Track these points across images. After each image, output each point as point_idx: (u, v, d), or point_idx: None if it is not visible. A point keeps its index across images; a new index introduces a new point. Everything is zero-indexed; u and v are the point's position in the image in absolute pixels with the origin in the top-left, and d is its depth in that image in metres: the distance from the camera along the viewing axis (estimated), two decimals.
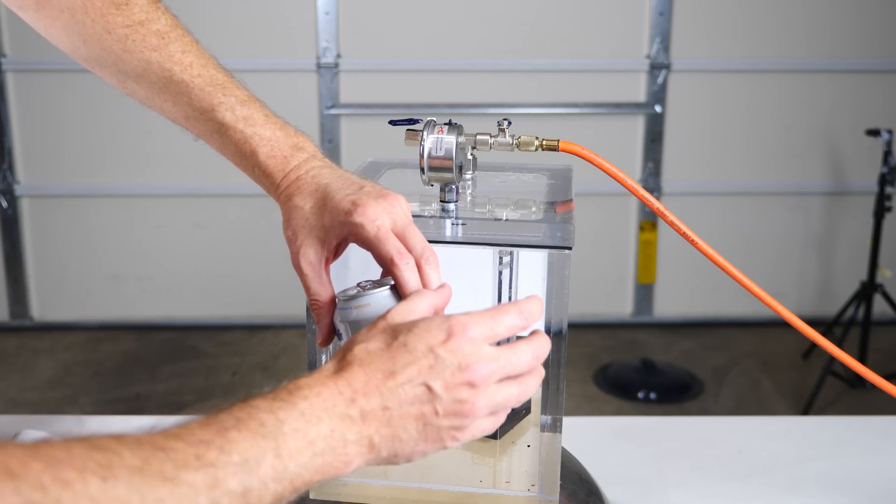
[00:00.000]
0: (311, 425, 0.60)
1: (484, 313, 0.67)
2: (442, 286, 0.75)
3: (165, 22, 0.88)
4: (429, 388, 0.63)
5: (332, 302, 0.79)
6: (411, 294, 0.73)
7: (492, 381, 0.65)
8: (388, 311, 0.69)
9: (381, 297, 0.77)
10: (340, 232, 0.77)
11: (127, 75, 0.88)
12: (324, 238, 0.78)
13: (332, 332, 0.80)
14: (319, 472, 0.60)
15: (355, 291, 0.79)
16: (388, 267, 0.76)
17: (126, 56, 0.86)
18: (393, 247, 0.76)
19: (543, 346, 0.69)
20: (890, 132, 3.23)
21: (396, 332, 0.65)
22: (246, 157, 0.84)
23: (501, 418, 0.68)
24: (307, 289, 0.79)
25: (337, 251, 0.80)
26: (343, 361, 0.64)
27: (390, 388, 0.63)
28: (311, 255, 0.78)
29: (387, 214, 0.76)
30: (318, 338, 0.80)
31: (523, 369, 0.68)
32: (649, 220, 3.97)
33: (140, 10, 0.87)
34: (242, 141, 0.84)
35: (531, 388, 0.68)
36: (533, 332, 0.70)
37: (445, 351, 0.64)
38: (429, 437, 0.64)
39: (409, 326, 0.65)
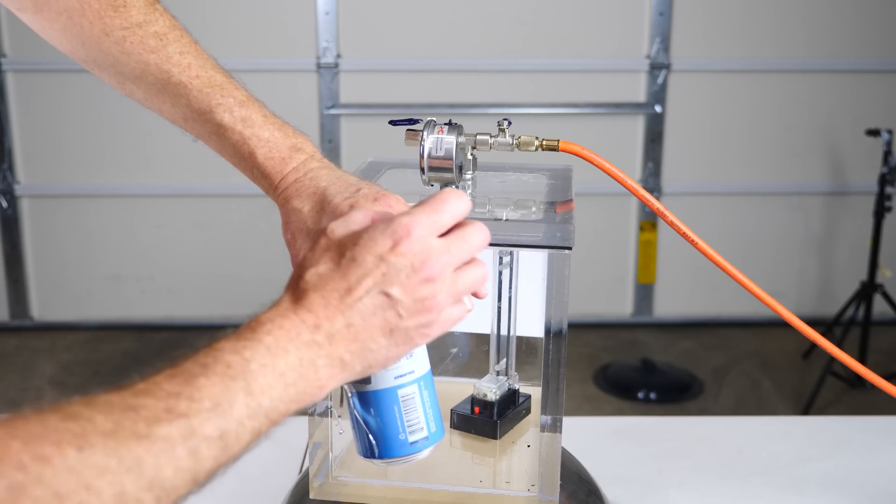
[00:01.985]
0: (279, 358, 0.60)
1: (424, 207, 0.67)
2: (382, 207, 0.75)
3: (163, 23, 0.88)
4: (387, 295, 0.64)
5: None
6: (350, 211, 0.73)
7: (448, 271, 0.66)
8: (327, 226, 0.67)
9: None
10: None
11: (125, 77, 0.88)
12: None
13: None
14: (295, 402, 0.61)
15: None
16: None
17: (124, 58, 0.86)
18: None
19: (484, 227, 0.70)
20: (890, 132, 3.23)
21: (343, 248, 0.65)
22: (244, 159, 0.84)
23: (468, 304, 0.69)
24: None
25: None
26: (298, 290, 0.64)
27: (349, 304, 0.63)
28: None
29: None
30: None
31: (476, 251, 0.69)
32: (649, 220, 3.97)
33: (138, 11, 0.87)
34: (241, 142, 0.84)
35: (486, 265, 0.70)
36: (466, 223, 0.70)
37: (395, 256, 0.64)
38: (398, 340, 0.65)
39: (354, 239, 0.65)
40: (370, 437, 0.75)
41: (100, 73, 0.90)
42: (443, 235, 0.67)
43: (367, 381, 0.74)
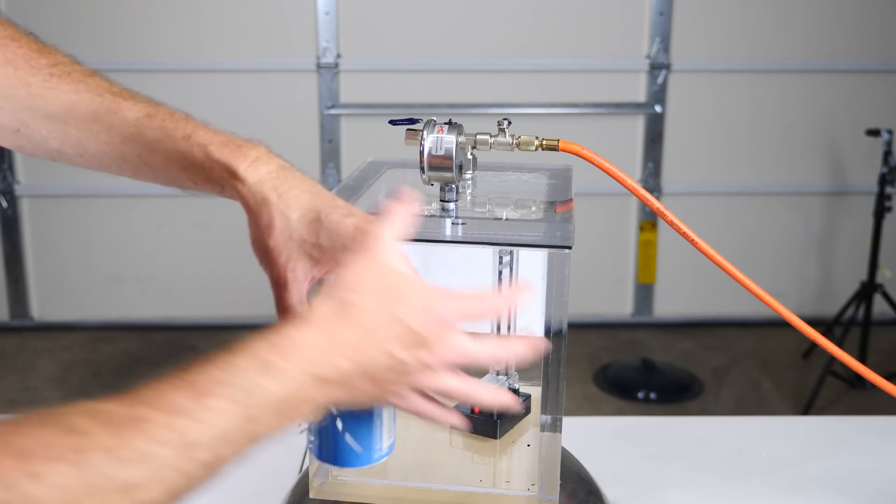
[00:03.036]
0: (292, 392, 0.60)
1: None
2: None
3: (85, 68, 0.86)
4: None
5: None
6: None
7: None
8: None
9: None
10: (344, 256, 0.73)
11: (57, 119, 0.83)
12: (318, 257, 0.75)
13: None
14: (284, 425, 0.62)
15: None
16: None
17: (53, 94, 0.83)
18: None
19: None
20: (890, 132, 3.23)
21: (369, 372, 0.65)
22: (194, 157, 0.78)
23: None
24: (285, 308, 0.75)
25: (328, 272, 0.76)
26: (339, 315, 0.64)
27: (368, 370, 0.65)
28: (299, 271, 0.75)
29: None
30: None
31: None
32: (649, 220, 3.97)
33: (62, 56, 0.85)
34: (187, 137, 0.78)
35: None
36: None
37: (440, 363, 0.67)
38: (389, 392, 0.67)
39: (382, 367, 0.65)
40: (345, 451, 0.76)
41: (25, 130, 0.84)
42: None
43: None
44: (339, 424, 0.76)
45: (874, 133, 3.30)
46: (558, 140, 0.93)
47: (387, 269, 0.67)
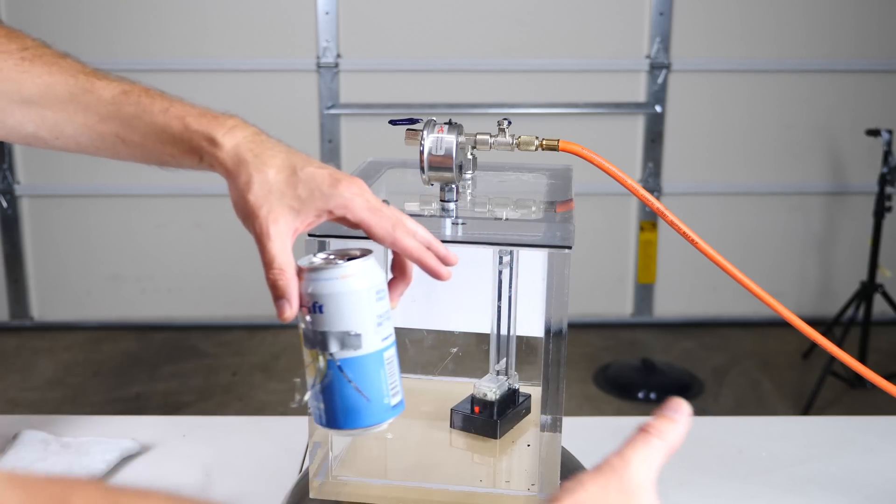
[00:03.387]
0: None
1: None
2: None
3: (55, 50, 0.86)
4: None
5: (297, 275, 0.75)
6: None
7: None
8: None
9: (368, 266, 0.74)
10: (324, 205, 0.76)
11: (32, 102, 0.84)
12: (298, 209, 0.76)
13: (298, 304, 0.75)
14: None
15: (322, 262, 0.75)
16: (388, 237, 0.76)
17: (25, 77, 0.83)
18: (394, 215, 0.76)
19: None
20: (890, 132, 3.23)
21: None
22: (172, 129, 0.79)
23: None
24: (271, 258, 0.74)
25: (309, 225, 0.78)
26: None
27: None
28: (281, 223, 0.75)
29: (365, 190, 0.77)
30: (283, 311, 0.74)
31: None
32: (649, 220, 3.97)
33: (31, 41, 0.85)
34: (164, 111, 0.80)
35: None
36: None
37: None
38: None
39: None
40: (353, 405, 0.73)
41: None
42: None
43: (357, 346, 0.73)
44: (343, 372, 0.73)
45: (874, 133, 3.30)
46: (558, 140, 0.93)
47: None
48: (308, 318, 0.74)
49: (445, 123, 0.91)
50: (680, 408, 0.64)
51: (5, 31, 0.85)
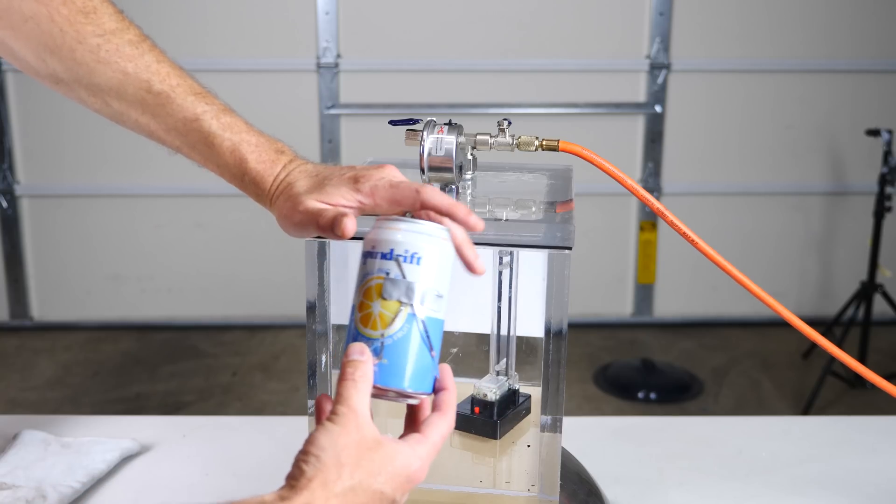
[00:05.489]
0: None
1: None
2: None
3: (135, 32, 0.85)
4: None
5: (399, 218, 0.74)
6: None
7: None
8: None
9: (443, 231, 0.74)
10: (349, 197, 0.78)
11: (100, 89, 0.84)
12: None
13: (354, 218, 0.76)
14: None
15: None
16: (431, 202, 0.75)
17: (100, 68, 0.83)
18: (433, 188, 0.76)
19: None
20: (890, 132, 3.23)
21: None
22: (235, 166, 0.84)
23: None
24: (327, 222, 0.76)
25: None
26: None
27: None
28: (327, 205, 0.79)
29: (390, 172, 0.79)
30: (343, 227, 0.74)
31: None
32: (649, 220, 3.97)
33: (109, 18, 0.84)
34: (231, 149, 0.83)
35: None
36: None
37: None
38: None
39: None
40: (422, 366, 0.72)
41: (67, 87, 0.86)
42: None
43: (439, 308, 0.73)
44: (426, 328, 0.73)
45: (874, 133, 3.30)
46: (558, 140, 0.93)
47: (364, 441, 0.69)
48: (399, 266, 0.72)
49: (445, 124, 0.91)
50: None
51: (114, 11, 0.86)
